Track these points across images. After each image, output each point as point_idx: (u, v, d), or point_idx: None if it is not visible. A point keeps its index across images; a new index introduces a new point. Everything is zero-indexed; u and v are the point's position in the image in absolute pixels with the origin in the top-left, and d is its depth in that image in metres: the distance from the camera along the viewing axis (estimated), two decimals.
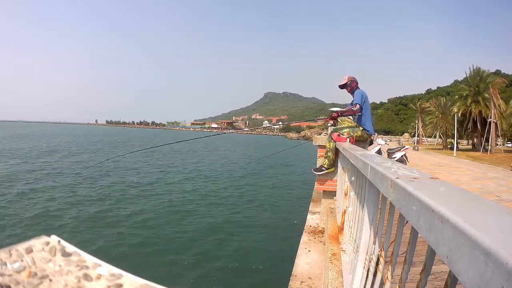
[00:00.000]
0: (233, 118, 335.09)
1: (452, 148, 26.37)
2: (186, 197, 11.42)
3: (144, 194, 11.58)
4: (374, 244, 1.17)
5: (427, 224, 0.48)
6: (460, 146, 35.14)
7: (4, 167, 15.89)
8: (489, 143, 24.91)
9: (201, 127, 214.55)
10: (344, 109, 3.88)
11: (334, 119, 3.93)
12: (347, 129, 3.74)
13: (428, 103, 42.26)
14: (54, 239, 0.42)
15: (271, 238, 7.67)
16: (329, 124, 4.18)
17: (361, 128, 3.80)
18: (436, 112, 37.16)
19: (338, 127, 3.88)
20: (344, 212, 2.27)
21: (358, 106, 3.71)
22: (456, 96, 30.88)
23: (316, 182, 4.26)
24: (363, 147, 3.32)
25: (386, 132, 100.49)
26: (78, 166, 17.82)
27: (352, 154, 1.70)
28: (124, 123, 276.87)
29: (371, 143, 4.12)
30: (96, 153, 26.85)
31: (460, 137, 35.34)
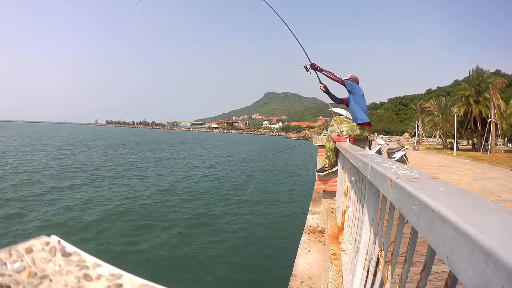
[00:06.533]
0: (233, 118, 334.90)
1: (452, 148, 26.37)
2: (185, 196, 11.42)
3: (145, 193, 11.59)
4: (374, 244, 1.17)
5: (427, 224, 0.48)
6: (460, 146, 35.13)
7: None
8: (489, 143, 24.92)
9: (201, 127, 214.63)
10: (328, 71, 3.79)
11: (314, 69, 3.83)
12: (346, 129, 3.74)
13: (428, 103, 42.24)
14: (54, 239, 0.42)
15: (271, 238, 7.68)
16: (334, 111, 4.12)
17: (359, 126, 3.77)
18: (436, 112, 37.15)
19: (336, 126, 3.87)
20: (344, 212, 2.27)
21: (340, 80, 3.71)
22: (456, 96, 30.89)
23: (316, 182, 4.26)
24: (362, 147, 3.31)
25: (386, 132, 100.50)
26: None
27: (352, 154, 1.69)
28: (124, 123, 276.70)
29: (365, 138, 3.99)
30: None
31: (460, 137, 35.34)
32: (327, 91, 4.02)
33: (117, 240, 6.96)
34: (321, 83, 3.98)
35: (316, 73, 3.89)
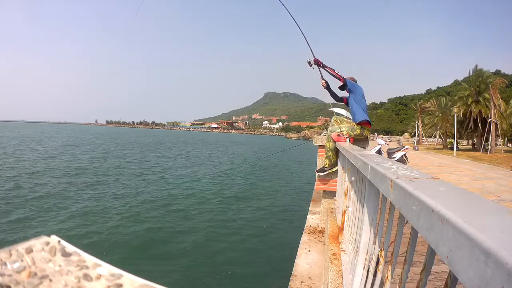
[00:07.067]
0: (233, 118, 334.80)
1: (452, 148, 26.34)
2: (186, 197, 11.42)
3: (144, 193, 11.59)
4: (374, 244, 1.17)
5: (427, 224, 0.48)
6: (460, 146, 35.10)
7: None
8: (489, 143, 24.91)
9: (201, 127, 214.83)
10: (331, 68, 3.77)
11: (317, 65, 3.85)
12: (346, 129, 3.74)
13: (428, 103, 42.20)
14: (54, 239, 0.42)
15: (271, 238, 7.67)
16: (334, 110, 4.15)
17: (359, 126, 3.77)
18: (436, 112, 37.14)
19: (336, 126, 3.87)
20: (344, 212, 2.27)
21: (342, 78, 3.70)
22: (456, 97, 30.87)
23: (316, 182, 4.26)
24: (363, 147, 3.31)
25: (386, 132, 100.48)
26: None
27: (352, 154, 1.69)
28: (124, 123, 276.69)
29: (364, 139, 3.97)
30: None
31: (460, 137, 35.33)
32: (328, 87, 4.02)
33: (117, 240, 6.95)
34: (323, 79, 3.99)
35: (319, 69, 3.89)
